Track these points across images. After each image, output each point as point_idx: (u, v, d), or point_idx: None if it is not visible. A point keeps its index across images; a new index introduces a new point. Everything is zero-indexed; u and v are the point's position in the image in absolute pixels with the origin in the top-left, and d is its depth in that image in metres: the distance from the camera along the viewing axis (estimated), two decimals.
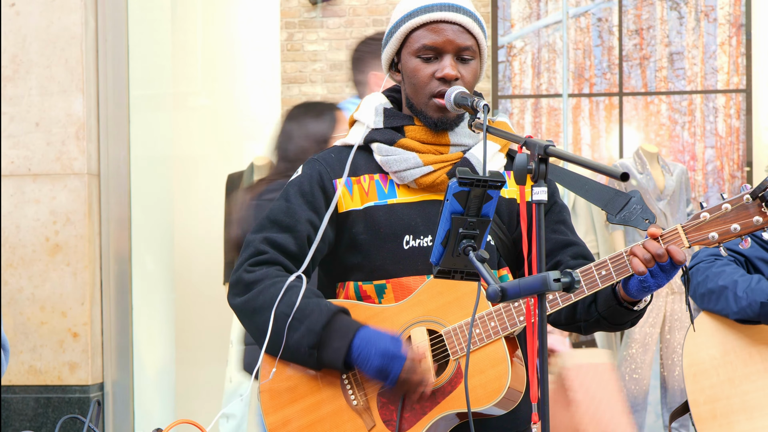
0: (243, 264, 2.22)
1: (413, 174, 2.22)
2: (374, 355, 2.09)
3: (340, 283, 2.29)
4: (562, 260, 2.26)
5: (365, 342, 2.10)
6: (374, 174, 2.26)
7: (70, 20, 5.29)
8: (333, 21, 7.16)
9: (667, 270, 2.02)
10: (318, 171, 2.26)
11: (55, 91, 5.28)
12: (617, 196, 2.03)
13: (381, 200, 2.24)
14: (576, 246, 2.29)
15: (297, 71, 7.20)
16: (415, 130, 2.24)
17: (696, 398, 2.87)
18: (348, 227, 2.24)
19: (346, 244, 2.25)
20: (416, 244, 2.21)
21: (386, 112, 2.28)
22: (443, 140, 2.24)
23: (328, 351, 2.13)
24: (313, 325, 2.12)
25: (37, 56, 5.28)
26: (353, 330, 2.12)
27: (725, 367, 2.89)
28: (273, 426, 2.22)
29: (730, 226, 1.98)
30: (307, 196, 2.24)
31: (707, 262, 2.99)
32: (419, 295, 2.17)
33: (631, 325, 2.19)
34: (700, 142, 7.06)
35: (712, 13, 7.09)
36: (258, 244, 2.22)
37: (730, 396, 2.86)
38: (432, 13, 2.19)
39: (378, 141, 2.25)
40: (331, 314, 2.14)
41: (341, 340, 2.12)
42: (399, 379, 2.10)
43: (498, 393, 2.08)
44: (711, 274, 2.94)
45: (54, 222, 5.26)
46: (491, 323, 2.11)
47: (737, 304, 2.84)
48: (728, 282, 2.88)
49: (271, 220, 2.24)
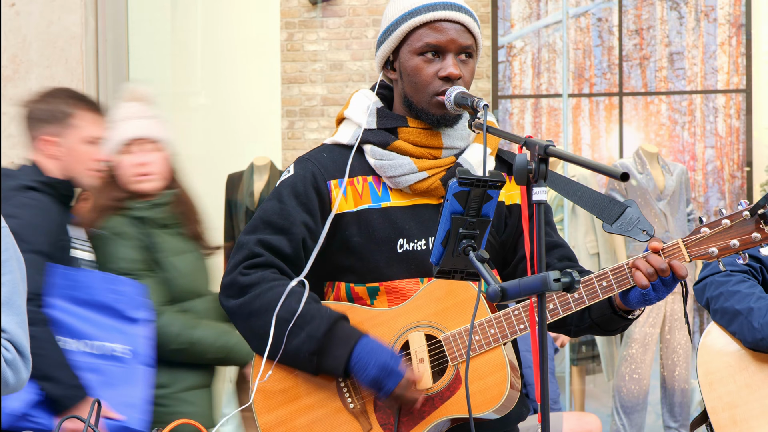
0: (237, 266, 2.20)
1: (408, 180, 2.21)
2: (372, 366, 2.09)
3: (328, 282, 2.28)
4: (550, 262, 2.26)
5: (366, 352, 2.10)
6: (367, 176, 2.24)
7: (70, 20, 5.29)
8: (333, 21, 7.16)
9: (669, 284, 2.03)
10: (311, 172, 2.24)
11: None
12: (612, 205, 2.04)
13: (375, 203, 2.22)
14: (562, 248, 2.29)
15: (297, 71, 7.20)
16: (409, 132, 2.22)
17: (714, 406, 2.88)
18: (341, 229, 2.23)
19: (338, 245, 2.23)
20: (410, 248, 2.21)
21: (379, 112, 2.26)
22: (436, 143, 2.22)
23: (329, 358, 2.13)
24: (315, 332, 2.12)
25: (37, 56, 5.28)
26: (355, 339, 2.12)
27: (742, 373, 2.89)
28: (266, 426, 2.21)
29: (729, 242, 2.02)
30: (301, 198, 2.22)
31: (722, 275, 2.99)
32: (417, 299, 2.17)
33: (621, 331, 2.21)
34: (700, 142, 7.06)
35: (712, 13, 7.08)
36: (252, 246, 2.20)
37: (748, 401, 2.86)
38: (435, 11, 2.18)
39: (371, 142, 2.23)
40: (333, 321, 2.13)
41: (342, 348, 2.12)
42: (392, 394, 2.10)
43: (497, 399, 2.09)
44: (726, 292, 2.95)
45: None
46: (491, 330, 2.11)
47: (752, 335, 2.87)
48: (743, 308, 2.89)
49: (264, 221, 2.22)
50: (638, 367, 5.95)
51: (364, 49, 7.14)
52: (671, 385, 6.02)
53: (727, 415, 2.86)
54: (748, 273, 3.00)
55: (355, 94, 2.33)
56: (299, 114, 7.22)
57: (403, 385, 2.10)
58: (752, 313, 2.87)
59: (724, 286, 2.96)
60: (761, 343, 2.86)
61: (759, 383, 2.88)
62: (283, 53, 7.21)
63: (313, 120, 7.21)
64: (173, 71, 7.01)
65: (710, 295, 2.99)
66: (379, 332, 2.17)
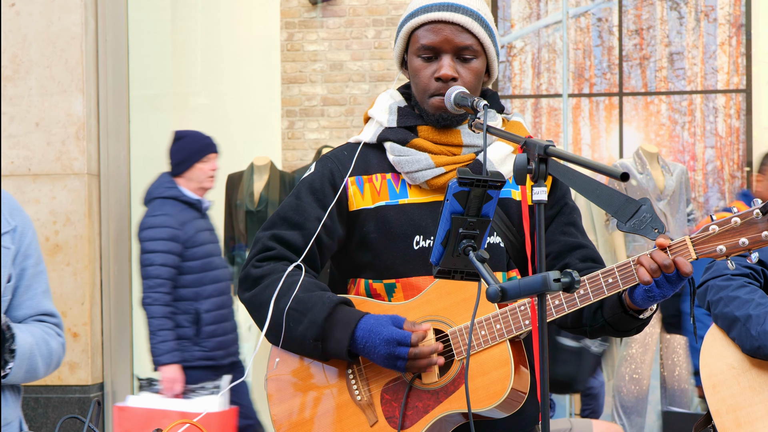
0: (251, 260, 2.25)
1: (425, 175, 2.22)
2: (379, 343, 2.09)
3: (351, 279, 2.31)
4: (571, 263, 2.25)
5: (368, 332, 2.11)
6: (386, 173, 2.26)
7: (70, 20, 5.29)
8: (333, 21, 7.16)
9: (673, 281, 2.01)
10: (330, 169, 2.27)
11: (55, 91, 5.28)
12: (628, 203, 2.02)
13: (392, 200, 2.24)
14: (585, 249, 2.28)
15: (297, 71, 7.20)
16: (428, 130, 2.25)
17: (718, 409, 2.86)
18: (359, 225, 2.25)
19: (357, 242, 2.26)
20: (426, 245, 2.22)
21: (400, 110, 2.29)
22: (456, 140, 2.24)
23: (332, 342, 2.14)
24: (316, 318, 2.14)
25: (37, 56, 5.28)
26: (355, 320, 2.13)
27: (745, 375, 2.88)
28: (278, 416, 2.24)
29: (738, 240, 1.98)
30: (317, 194, 2.25)
31: (722, 279, 2.97)
32: (428, 294, 2.18)
33: (636, 332, 2.19)
34: (700, 142, 7.06)
35: (712, 13, 7.08)
36: (266, 241, 2.24)
37: (752, 403, 2.85)
38: (430, 13, 2.20)
39: (391, 140, 2.26)
40: (333, 306, 2.15)
41: (343, 331, 2.13)
42: (409, 359, 2.09)
43: (500, 395, 2.08)
44: (726, 297, 2.93)
45: (54, 222, 5.26)
46: (497, 325, 2.11)
47: (749, 343, 2.85)
48: (742, 315, 2.87)
49: (281, 217, 2.26)
50: (638, 367, 5.95)
51: (364, 49, 7.13)
52: (671, 385, 6.02)
53: (731, 417, 2.85)
54: (749, 276, 2.99)
55: (381, 93, 2.36)
56: (299, 114, 7.22)
57: (414, 343, 2.09)
58: (750, 320, 2.85)
59: (724, 291, 2.95)
60: (759, 351, 2.84)
61: (762, 385, 2.87)
62: (283, 53, 7.21)
63: (313, 120, 7.21)
64: (173, 71, 7.01)
65: (711, 299, 2.98)
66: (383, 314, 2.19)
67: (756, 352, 2.85)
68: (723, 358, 2.91)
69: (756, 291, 2.94)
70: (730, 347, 2.92)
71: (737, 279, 2.96)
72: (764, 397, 2.86)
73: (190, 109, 7.53)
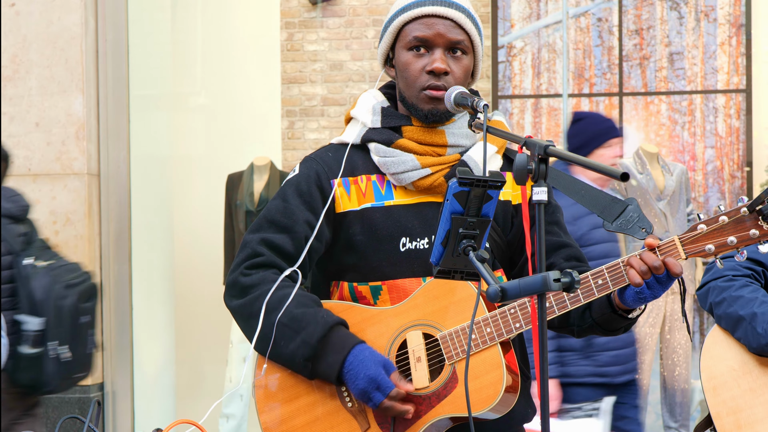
0: (240, 266, 2.22)
1: (411, 176, 2.21)
2: (362, 378, 2.09)
3: (334, 282, 2.29)
4: (555, 262, 2.25)
5: (357, 362, 2.11)
6: (371, 174, 2.25)
7: (70, 20, 5.29)
8: (333, 21, 7.16)
9: (664, 282, 2.01)
10: (315, 170, 2.26)
11: (55, 91, 5.28)
12: (613, 203, 2.02)
13: (378, 201, 2.23)
14: (569, 248, 2.29)
15: (297, 71, 7.20)
16: (413, 131, 2.24)
17: (719, 411, 2.86)
18: (345, 227, 2.24)
19: (343, 244, 2.25)
20: (412, 246, 2.21)
21: (384, 111, 2.28)
22: (440, 140, 2.23)
23: (323, 365, 2.13)
24: (309, 338, 2.13)
25: (37, 56, 5.28)
26: (348, 347, 2.13)
27: (745, 377, 2.87)
28: (267, 424, 2.22)
29: (726, 239, 1.98)
30: (304, 196, 2.23)
31: (724, 280, 2.97)
32: (415, 298, 2.17)
33: (624, 331, 2.20)
34: (700, 142, 7.06)
35: (712, 13, 7.08)
36: (255, 246, 2.22)
37: (752, 405, 2.84)
38: (424, 7, 2.20)
39: (375, 141, 2.25)
40: (328, 328, 2.14)
41: (336, 355, 2.12)
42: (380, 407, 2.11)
43: (493, 399, 2.08)
44: (729, 297, 2.92)
45: (54, 222, 5.26)
46: (487, 329, 2.11)
47: (756, 341, 2.84)
48: (746, 314, 2.86)
49: (268, 220, 2.24)
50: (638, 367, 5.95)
51: (364, 49, 7.13)
52: (671, 385, 6.02)
53: (731, 419, 2.85)
54: (750, 277, 2.99)
55: (362, 94, 2.35)
56: (299, 114, 7.22)
57: (392, 396, 2.10)
58: (756, 318, 2.84)
59: (726, 292, 2.94)
60: (766, 348, 2.84)
61: (763, 387, 2.86)
62: (283, 53, 7.21)
63: (313, 120, 7.21)
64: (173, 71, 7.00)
65: (713, 301, 2.97)
66: (377, 331, 2.18)
67: (763, 349, 2.85)
68: (723, 360, 2.90)
69: (759, 290, 2.94)
70: (730, 349, 2.92)
71: (739, 279, 2.96)
72: (764, 399, 2.85)
73: (190, 109, 7.53)
